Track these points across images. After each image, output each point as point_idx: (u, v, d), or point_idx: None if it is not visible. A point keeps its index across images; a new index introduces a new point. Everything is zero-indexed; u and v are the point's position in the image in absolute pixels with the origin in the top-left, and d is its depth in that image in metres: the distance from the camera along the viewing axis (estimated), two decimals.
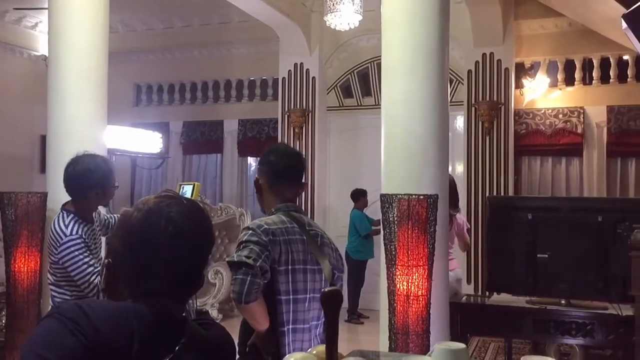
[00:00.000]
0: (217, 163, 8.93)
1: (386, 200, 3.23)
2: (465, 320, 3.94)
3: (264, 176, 2.28)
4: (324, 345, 1.02)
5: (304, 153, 7.96)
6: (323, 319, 2.18)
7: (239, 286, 2.02)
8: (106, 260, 1.13)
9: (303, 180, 2.35)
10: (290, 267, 2.11)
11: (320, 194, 8.00)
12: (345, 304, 7.43)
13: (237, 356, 2.22)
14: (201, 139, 8.86)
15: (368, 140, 7.31)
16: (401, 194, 3.19)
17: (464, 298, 4.40)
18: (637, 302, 3.09)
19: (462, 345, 1.33)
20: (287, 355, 1.09)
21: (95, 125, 4.33)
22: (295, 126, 8.03)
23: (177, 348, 1.03)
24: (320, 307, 2.12)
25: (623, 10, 4.62)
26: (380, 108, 3.92)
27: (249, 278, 1.99)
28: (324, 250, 2.22)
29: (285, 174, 2.24)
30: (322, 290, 2.05)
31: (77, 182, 2.76)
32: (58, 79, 4.28)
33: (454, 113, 7.31)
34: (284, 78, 8.11)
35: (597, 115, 7.08)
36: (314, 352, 1.07)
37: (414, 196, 3.16)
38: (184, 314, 1.13)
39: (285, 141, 8.07)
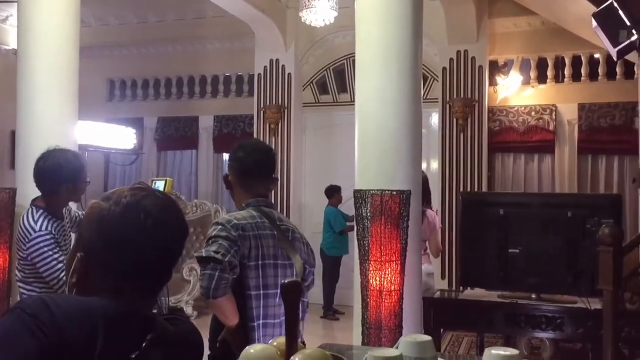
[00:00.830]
0: (192, 159, 8.87)
1: (359, 195, 3.24)
2: (438, 315, 3.97)
3: (232, 172, 2.28)
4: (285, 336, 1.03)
5: (279, 149, 7.96)
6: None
7: (207, 281, 2.01)
8: (78, 254, 1.10)
9: (275, 175, 2.35)
10: (260, 262, 2.10)
11: (295, 191, 8.00)
12: (320, 300, 7.45)
13: (209, 352, 2.22)
14: (176, 135, 8.78)
15: (343, 136, 7.32)
16: (374, 190, 3.20)
17: (437, 293, 4.44)
18: (604, 296, 3.15)
19: (427, 338, 1.35)
20: (247, 347, 1.08)
21: (66, 120, 4.27)
22: (271, 122, 8.01)
23: (144, 345, 1.02)
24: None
25: (594, 9, 4.70)
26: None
27: (217, 273, 1.99)
28: (295, 245, 2.22)
29: (254, 170, 2.23)
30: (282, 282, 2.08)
31: (47, 177, 2.73)
32: (27, 73, 4.21)
33: (428, 110, 7.38)
34: (259, 74, 8.09)
35: (569, 112, 7.19)
36: (275, 343, 1.07)
37: (386, 192, 3.17)
38: (154, 310, 1.12)
39: (261, 137, 8.04)
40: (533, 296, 3.80)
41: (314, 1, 5.53)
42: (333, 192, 7.36)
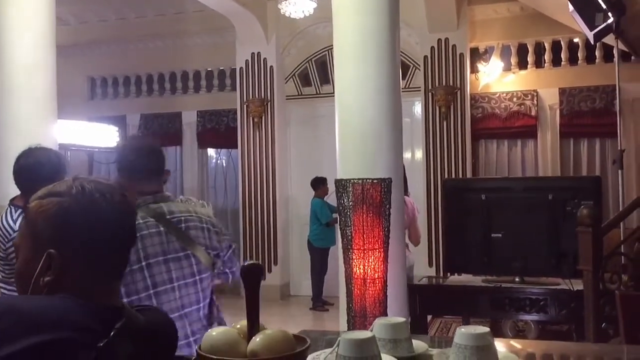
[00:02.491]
0: (176, 155, 8.82)
1: (340, 185, 3.26)
2: (424, 301, 4.01)
3: (120, 177, 2.23)
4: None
5: (264, 143, 7.96)
6: (208, 300, 2.21)
7: None
8: (50, 252, 1.07)
9: (166, 168, 2.33)
10: (144, 263, 2.05)
11: (281, 184, 8.00)
12: (309, 291, 7.47)
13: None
14: (159, 132, 8.72)
15: (328, 128, 7.26)
16: (355, 179, 3.22)
17: (423, 280, 4.47)
18: (584, 276, 3.19)
19: (401, 319, 1.36)
20: (209, 330, 1.09)
21: (44, 119, 4.24)
22: (255, 116, 7.99)
23: (111, 333, 1.02)
24: (199, 291, 2.15)
25: None
26: None
27: None
28: (190, 233, 2.16)
29: (135, 171, 2.17)
30: (196, 273, 2.12)
31: (26, 175, 2.71)
32: (3, 72, 4.17)
33: (411, 99, 7.40)
34: (241, 68, 8.06)
35: (550, 97, 7.24)
36: (238, 325, 1.08)
37: (367, 180, 3.19)
38: (121, 303, 1.12)
39: (245, 131, 8.04)
40: (517, 279, 3.84)
41: None
42: (319, 184, 7.37)
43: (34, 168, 2.68)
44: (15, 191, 2.76)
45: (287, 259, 8.12)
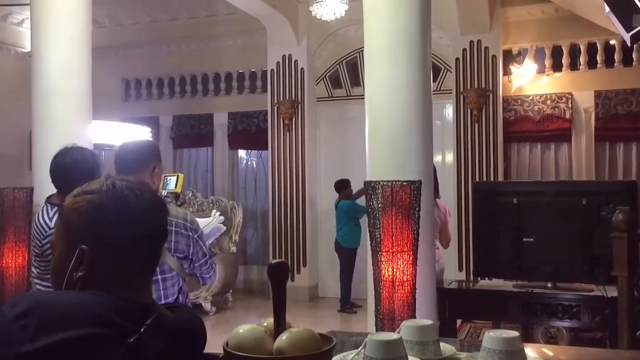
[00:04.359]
0: (207, 156, 8.93)
1: (370, 187, 3.25)
2: (454, 305, 3.96)
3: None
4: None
5: (293, 144, 7.98)
6: (171, 298, 2.32)
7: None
8: (83, 247, 1.09)
9: (156, 170, 2.42)
10: None
11: (311, 185, 8.02)
12: (337, 293, 7.46)
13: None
14: (191, 133, 8.84)
15: (358, 130, 7.24)
16: (384, 181, 3.20)
17: (452, 283, 4.42)
18: (619, 283, 3.12)
19: (429, 322, 1.35)
20: (237, 328, 1.10)
21: (80, 120, 4.33)
22: (285, 118, 8.03)
23: (142, 330, 1.03)
24: (160, 289, 2.28)
25: None
26: None
27: None
28: None
29: (117, 168, 2.31)
30: (158, 272, 2.19)
31: (63, 173, 2.76)
32: (41, 75, 4.28)
33: (442, 101, 7.34)
34: (272, 70, 8.11)
35: (585, 100, 7.11)
36: (265, 323, 1.09)
37: (397, 182, 3.17)
38: (151, 300, 1.13)
39: (275, 133, 8.08)
40: (549, 285, 3.77)
41: None
42: (342, 186, 7.35)
43: (70, 167, 2.74)
44: (52, 189, 2.82)
45: (316, 260, 8.13)
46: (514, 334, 1.26)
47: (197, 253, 2.38)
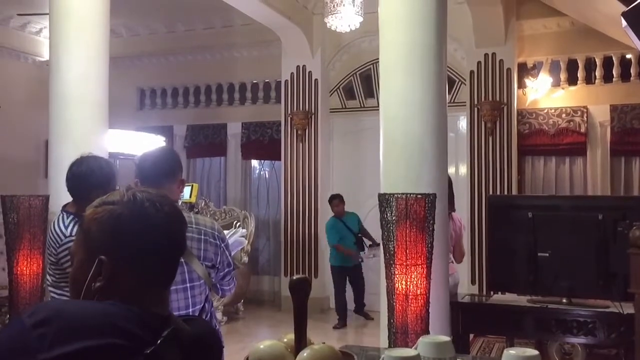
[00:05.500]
0: (220, 166, 8.96)
1: (384, 199, 3.23)
2: (467, 319, 3.94)
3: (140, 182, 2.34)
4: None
5: (307, 155, 7.98)
6: (199, 306, 2.30)
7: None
8: (102, 258, 1.10)
9: (182, 178, 2.42)
10: None
11: (323, 196, 8.00)
12: (349, 306, 7.39)
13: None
14: (205, 142, 8.88)
15: (371, 141, 7.29)
16: (399, 193, 3.19)
17: (466, 297, 4.39)
18: (636, 299, 3.07)
19: (446, 338, 1.34)
20: (257, 344, 1.10)
21: (96, 129, 4.37)
22: (299, 128, 8.04)
23: (159, 341, 1.03)
24: (189, 297, 2.24)
25: (624, 8, 4.61)
26: None
27: None
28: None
29: (142, 177, 2.29)
30: (187, 280, 2.22)
31: (79, 182, 2.78)
32: (59, 83, 4.32)
33: (456, 114, 7.32)
34: (286, 80, 8.14)
35: (601, 114, 7.06)
36: (285, 339, 1.08)
37: (411, 195, 3.16)
38: (169, 312, 1.13)
39: (289, 144, 8.09)
40: (564, 300, 3.74)
41: (340, 7, 5.54)
42: (331, 201, 7.26)
43: (86, 176, 2.75)
44: (67, 197, 2.84)
45: (327, 272, 8.08)
46: (534, 352, 1.24)
47: (223, 262, 2.37)
